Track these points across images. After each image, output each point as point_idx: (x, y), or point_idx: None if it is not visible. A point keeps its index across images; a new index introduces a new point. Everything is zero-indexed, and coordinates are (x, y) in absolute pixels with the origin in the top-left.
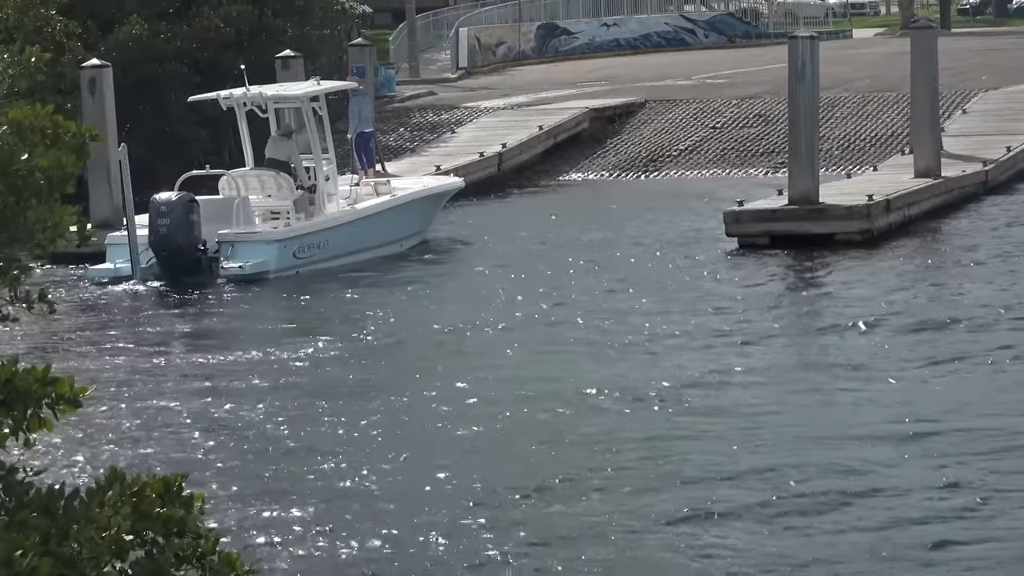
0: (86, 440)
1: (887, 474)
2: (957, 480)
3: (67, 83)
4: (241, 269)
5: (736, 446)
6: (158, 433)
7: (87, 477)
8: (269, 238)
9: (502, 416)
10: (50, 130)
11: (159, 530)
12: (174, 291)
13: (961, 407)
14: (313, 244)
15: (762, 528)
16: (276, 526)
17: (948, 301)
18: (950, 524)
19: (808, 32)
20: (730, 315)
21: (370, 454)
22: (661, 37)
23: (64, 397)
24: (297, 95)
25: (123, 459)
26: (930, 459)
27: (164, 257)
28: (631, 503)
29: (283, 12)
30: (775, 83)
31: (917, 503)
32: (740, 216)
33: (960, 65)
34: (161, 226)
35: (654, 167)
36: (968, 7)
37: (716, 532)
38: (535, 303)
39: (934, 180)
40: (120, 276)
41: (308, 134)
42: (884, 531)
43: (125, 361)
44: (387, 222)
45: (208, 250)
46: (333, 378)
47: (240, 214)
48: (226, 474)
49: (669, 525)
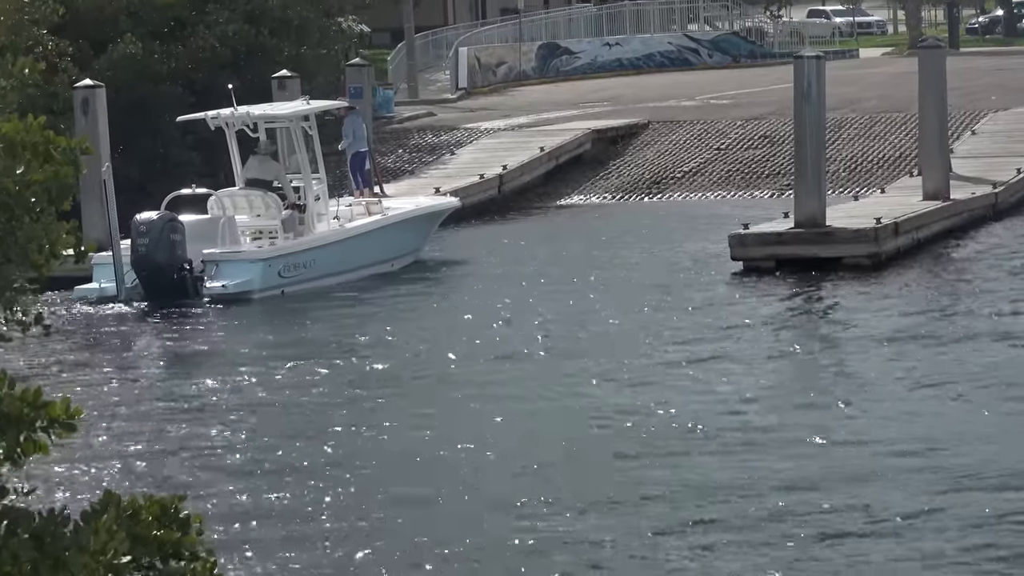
0: (70, 463)
1: (892, 502)
2: (959, 506)
3: (59, 103)
4: (224, 288)
5: (738, 471)
6: (143, 456)
7: (72, 500)
8: (253, 257)
9: (502, 443)
10: (42, 145)
11: (155, 553)
12: (156, 311)
13: (969, 433)
14: (299, 263)
15: (765, 555)
16: (267, 547)
17: (957, 327)
18: (954, 549)
19: (814, 52)
20: (734, 341)
21: (359, 476)
22: (664, 57)
23: (58, 420)
24: (286, 115)
25: (107, 481)
26: (935, 486)
27: (144, 276)
28: (627, 524)
29: (279, 32)
30: (781, 103)
31: (922, 532)
32: (745, 239)
33: (969, 85)
34: (140, 246)
35: (657, 189)
36: (977, 26)
37: (716, 556)
38: (535, 327)
39: (943, 203)
40: (105, 296)
41: (298, 154)
42: (896, 563)
43: (104, 382)
44: (377, 241)
45: (193, 270)
46: (317, 400)
47: (226, 233)
48: (213, 496)
49: (669, 548)
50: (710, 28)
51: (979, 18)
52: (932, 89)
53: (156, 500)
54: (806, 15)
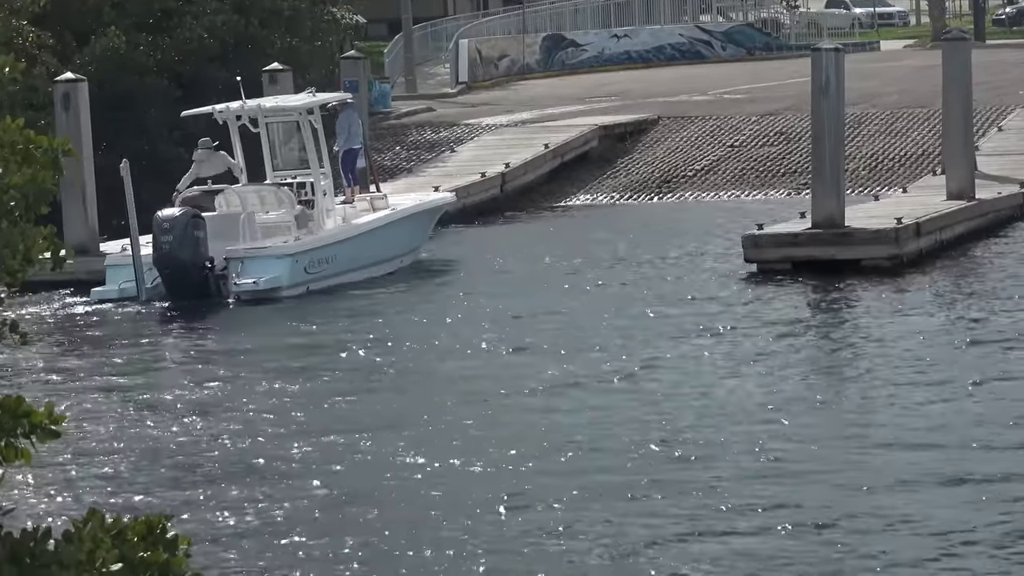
0: (78, 469)
1: (910, 509)
2: (982, 512)
3: (39, 98)
4: (255, 285)
5: (751, 478)
6: (159, 466)
7: (70, 513)
8: (280, 253)
9: (523, 447)
10: (21, 146)
11: (143, 574)
12: (183, 312)
13: (991, 440)
14: (322, 259)
15: (783, 562)
16: (267, 563)
17: (980, 331)
18: (979, 555)
19: (833, 44)
20: (746, 346)
21: (370, 490)
22: (675, 49)
23: (41, 427)
24: (295, 107)
25: (115, 489)
26: (956, 497)
27: (168, 275)
28: (631, 524)
29: (270, 23)
30: (797, 98)
31: (943, 542)
32: (759, 240)
33: (995, 79)
34: (164, 243)
35: (668, 188)
36: (1004, 17)
37: (722, 558)
38: (542, 329)
39: (967, 202)
40: (125, 297)
41: (305, 148)
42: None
43: (132, 387)
44: (390, 237)
45: (216, 268)
46: (348, 408)
47: (246, 230)
48: (221, 508)
49: (674, 549)
50: (723, 19)
51: (1006, 9)
52: (956, 83)
53: (142, 520)
54: (824, 5)
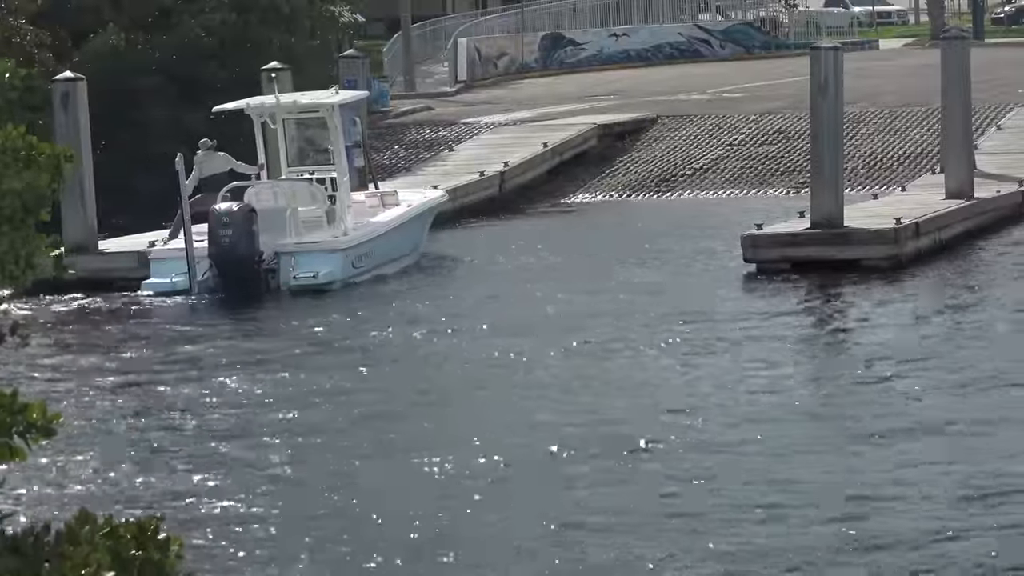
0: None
1: (910, 508)
2: (986, 518)
3: (37, 97)
4: (315, 279)
5: (750, 477)
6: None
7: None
8: (331, 248)
9: (523, 447)
10: (23, 152)
11: (136, 575)
12: (237, 305)
13: (993, 441)
14: (365, 254)
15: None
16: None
17: (980, 334)
18: (979, 555)
19: (831, 43)
20: (744, 346)
21: (370, 490)
22: (674, 48)
23: (35, 425)
24: (326, 104)
25: (142, 484)
26: (956, 496)
27: (226, 269)
28: (638, 531)
29: (268, 21)
30: (796, 97)
31: (943, 542)
32: (758, 240)
33: (994, 78)
34: (224, 237)
35: (666, 187)
36: (1003, 16)
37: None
38: (540, 329)
39: (967, 201)
40: (177, 290)
41: (330, 145)
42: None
43: (210, 380)
44: (409, 232)
45: (266, 261)
46: (357, 406)
47: (292, 225)
48: (221, 508)
49: (679, 551)
50: (722, 18)
51: (1005, 7)
52: (955, 82)
53: (133, 522)
54: (823, 4)
